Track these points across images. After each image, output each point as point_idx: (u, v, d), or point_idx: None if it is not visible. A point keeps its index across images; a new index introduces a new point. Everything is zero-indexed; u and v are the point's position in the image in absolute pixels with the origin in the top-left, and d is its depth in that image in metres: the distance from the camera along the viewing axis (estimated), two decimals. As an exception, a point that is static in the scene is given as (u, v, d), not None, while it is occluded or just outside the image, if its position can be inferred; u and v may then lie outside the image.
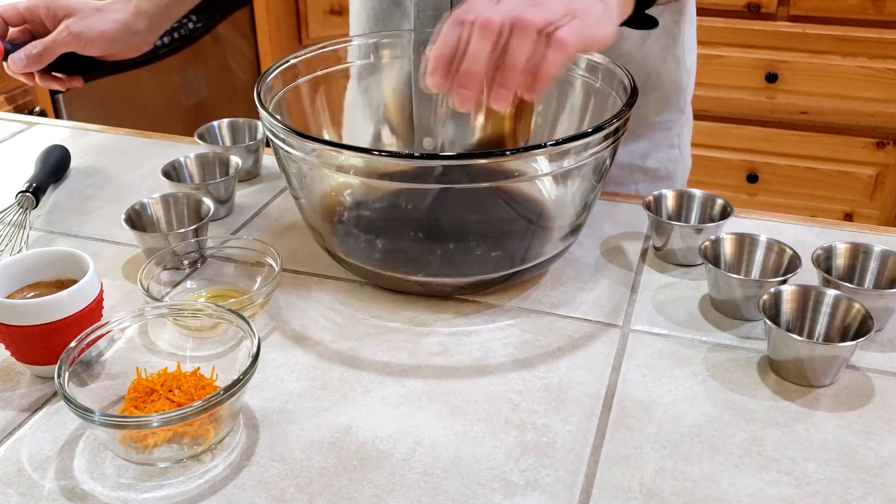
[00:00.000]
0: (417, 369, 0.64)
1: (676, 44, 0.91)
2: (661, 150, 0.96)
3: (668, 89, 0.93)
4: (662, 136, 0.96)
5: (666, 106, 0.94)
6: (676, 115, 0.96)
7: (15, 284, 0.64)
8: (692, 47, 0.96)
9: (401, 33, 0.87)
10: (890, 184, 2.11)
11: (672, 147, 0.97)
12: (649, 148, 0.95)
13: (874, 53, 1.99)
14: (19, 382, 0.63)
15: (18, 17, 0.89)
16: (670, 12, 0.89)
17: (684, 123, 0.98)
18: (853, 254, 0.69)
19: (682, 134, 0.98)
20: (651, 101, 0.93)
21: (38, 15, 0.89)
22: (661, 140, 0.96)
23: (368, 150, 0.63)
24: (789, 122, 2.13)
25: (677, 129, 0.97)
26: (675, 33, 0.91)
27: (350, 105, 0.91)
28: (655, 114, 0.94)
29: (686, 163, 1.01)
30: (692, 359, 0.65)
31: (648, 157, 0.95)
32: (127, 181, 0.94)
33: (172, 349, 0.63)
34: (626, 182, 0.96)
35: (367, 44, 0.87)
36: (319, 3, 2.42)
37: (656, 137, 0.95)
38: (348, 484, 0.54)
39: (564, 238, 0.73)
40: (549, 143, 0.63)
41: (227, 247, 0.75)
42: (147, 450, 0.55)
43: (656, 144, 0.96)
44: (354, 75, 0.90)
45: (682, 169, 1.00)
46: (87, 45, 0.88)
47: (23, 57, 0.86)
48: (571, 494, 0.53)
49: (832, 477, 0.54)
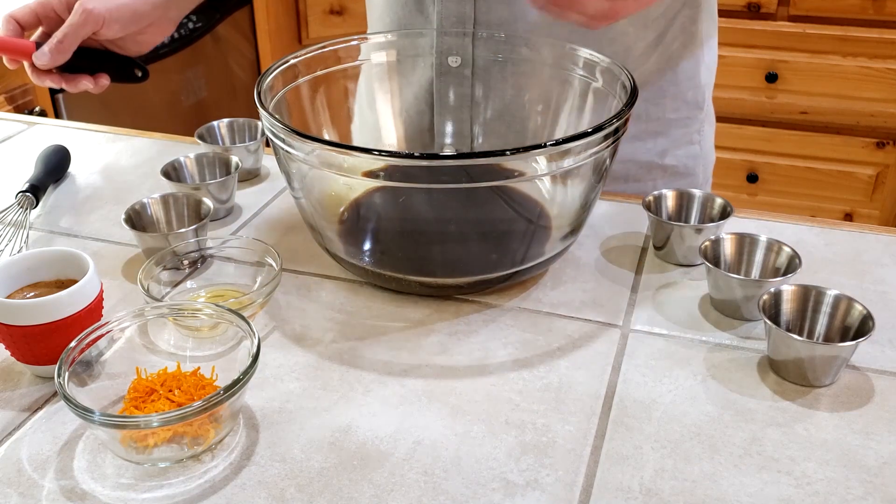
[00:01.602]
0: (417, 369, 0.64)
1: (694, 40, 0.91)
2: (679, 147, 0.95)
3: (686, 86, 0.92)
4: (681, 133, 0.94)
5: (683, 103, 0.93)
6: (695, 112, 0.94)
7: (15, 284, 0.64)
8: (712, 45, 0.94)
9: (423, 33, 0.87)
10: (890, 184, 2.11)
11: (692, 144, 0.96)
12: (668, 145, 0.94)
13: (874, 53, 1.99)
14: (19, 382, 0.63)
15: (31, 15, 0.85)
16: (688, 8, 0.89)
17: (704, 120, 0.96)
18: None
19: (702, 130, 0.96)
20: (668, 98, 0.92)
21: (51, 9, 0.85)
22: (679, 137, 0.94)
23: (368, 150, 0.63)
24: (789, 122, 2.13)
25: (696, 125, 0.95)
26: (692, 30, 0.90)
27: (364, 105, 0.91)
28: (673, 111, 0.93)
29: (709, 158, 0.99)
30: (692, 359, 0.65)
31: (667, 155, 0.94)
32: (127, 181, 0.94)
33: (172, 349, 0.63)
34: (644, 179, 0.95)
35: (387, 43, 0.87)
36: (319, 3, 2.43)
37: (674, 135, 0.94)
38: (348, 484, 0.54)
39: (564, 238, 0.73)
40: (549, 143, 0.63)
41: (227, 247, 0.75)
42: (147, 450, 0.55)
43: (675, 141, 0.94)
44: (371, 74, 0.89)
45: (704, 166, 0.98)
46: (107, 22, 0.83)
47: (46, 52, 0.82)
48: (571, 494, 0.53)
49: (832, 477, 0.54)
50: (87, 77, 0.88)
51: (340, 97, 0.87)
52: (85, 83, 0.88)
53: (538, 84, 0.85)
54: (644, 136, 0.92)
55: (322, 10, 2.44)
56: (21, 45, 0.84)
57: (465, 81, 0.87)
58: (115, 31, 0.85)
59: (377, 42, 0.87)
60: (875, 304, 0.70)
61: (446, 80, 0.87)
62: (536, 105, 0.87)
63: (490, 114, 0.89)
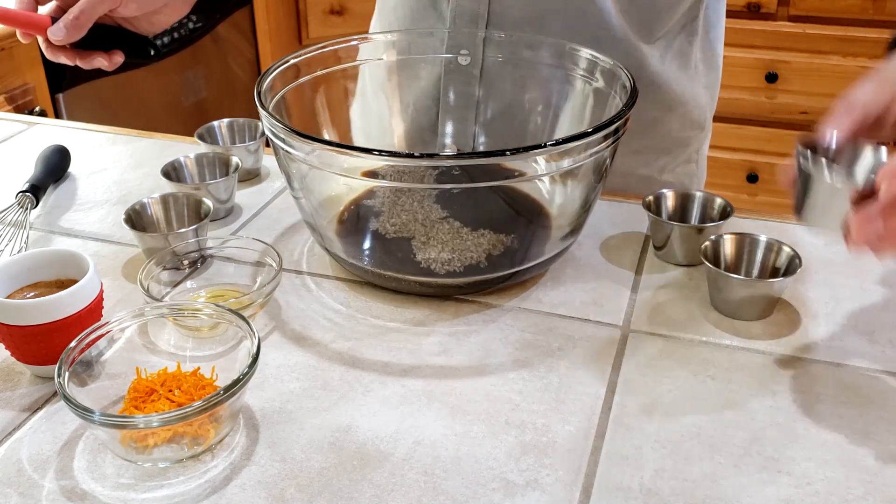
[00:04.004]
0: (417, 369, 0.64)
1: (688, 64, 0.91)
2: (678, 164, 0.96)
3: (691, 106, 0.93)
4: (682, 150, 0.96)
5: (689, 123, 0.94)
6: (697, 132, 0.96)
7: (15, 284, 0.64)
8: (714, 64, 0.95)
9: (433, 33, 0.87)
10: (890, 184, 2.11)
11: (689, 162, 0.97)
12: (668, 162, 0.95)
13: (874, 53, 1.99)
14: (19, 382, 0.63)
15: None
16: (685, 33, 0.89)
17: (703, 139, 0.98)
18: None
19: (700, 149, 0.98)
20: (675, 118, 0.93)
21: None
22: (679, 154, 0.96)
23: (368, 150, 0.63)
24: (789, 122, 2.13)
25: (696, 144, 0.97)
26: (686, 52, 0.90)
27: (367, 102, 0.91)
28: (678, 130, 0.94)
29: (702, 177, 1.01)
30: (692, 359, 0.65)
31: (666, 171, 0.96)
32: (127, 181, 0.94)
33: (172, 349, 0.63)
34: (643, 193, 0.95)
35: (397, 40, 0.87)
36: (319, 3, 2.43)
37: (676, 152, 0.95)
38: (348, 484, 0.54)
39: (564, 238, 0.73)
40: (549, 143, 0.63)
41: (227, 247, 0.75)
42: (147, 450, 0.55)
43: (675, 158, 0.96)
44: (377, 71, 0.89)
45: (698, 183, 1.00)
46: (124, 1, 0.81)
47: (62, 27, 0.80)
48: (571, 494, 0.53)
49: (832, 477, 0.54)
50: (101, 54, 0.86)
51: (340, 97, 0.87)
52: (100, 60, 0.85)
53: (539, 84, 0.85)
54: (647, 151, 0.93)
55: (322, 10, 2.44)
56: (36, 19, 0.82)
57: (472, 80, 0.87)
58: (132, 9, 0.84)
59: (384, 40, 0.87)
60: (875, 305, 0.70)
61: (454, 77, 0.87)
62: (537, 105, 0.87)
63: (491, 113, 0.89)
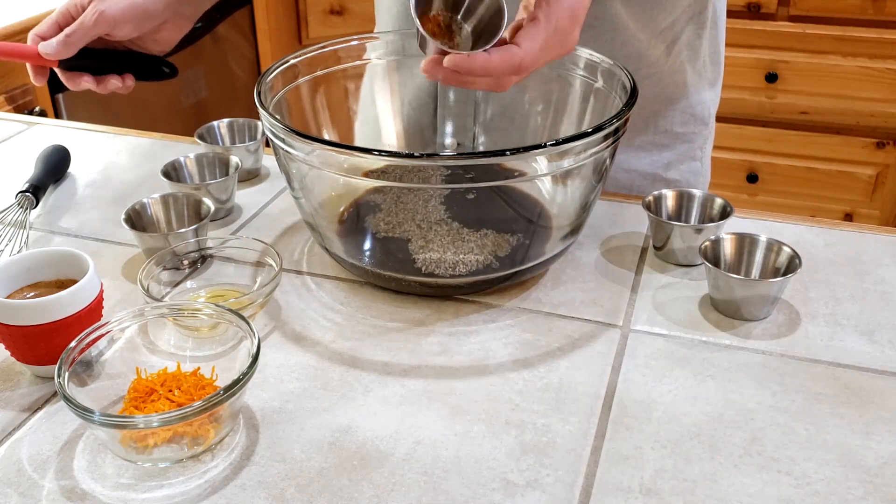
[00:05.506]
0: (417, 369, 0.64)
1: (698, 57, 0.91)
2: (683, 162, 0.96)
3: (693, 101, 0.93)
4: (685, 148, 0.96)
5: (690, 118, 0.94)
6: (700, 128, 0.96)
7: (15, 284, 0.64)
8: (718, 60, 0.95)
9: None
10: (890, 184, 2.11)
11: (694, 160, 0.97)
12: (672, 159, 0.95)
13: (874, 53, 1.99)
14: (19, 382, 0.63)
15: (54, 27, 0.85)
16: (693, 25, 0.89)
17: (707, 136, 0.98)
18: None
19: (704, 147, 0.98)
20: (676, 113, 0.93)
21: (70, 16, 0.85)
22: (684, 152, 0.96)
23: (368, 150, 0.63)
24: (789, 122, 2.13)
25: (700, 141, 0.97)
26: (696, 45, 0.90)
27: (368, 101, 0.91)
28: (681, 125, 0.94)
29: (706, 176, 1.01)
30: (692, 359, 0.65)
31: (671, 168, 0.95)
32: (127, 181, 0.94)
33: (172, 349, 0.63)
34: (647, 191, 0.95)
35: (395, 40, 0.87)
36: (319, 3, 2.42)
37: (680, 149, 0.95)
38: (348, 484, 0.54)
39: (564, 238, 0.73)
40: (549, 143, 0.63)
41: (227, 247, 0.75)
42: (147, 450, 0.55)
43: (679, 156, 0.96)
44: (376, 71, 0.89)
45: (703, 182, 1.00)
46: (118, 24, 0.84)
47: (53, 43, 0.83)
48: (571, 494, 0.53)
49: (832, 477, 0.54)
50: (115, 77, 0.89)
51: (340, 97, 0.87)
52: (114, 82, 0.89)
53: (539, 84, 0.85)
54: (650, 147, 0.93)
55: (322, 10, 2.44)
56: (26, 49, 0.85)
57: None
58: (128, 31, 0.86)
59: (382, 40, 0.87)
60: (875, 305, 0.70)
61: None
62: (537, 105, 0.87)
63: (491, 113, 0.89)
